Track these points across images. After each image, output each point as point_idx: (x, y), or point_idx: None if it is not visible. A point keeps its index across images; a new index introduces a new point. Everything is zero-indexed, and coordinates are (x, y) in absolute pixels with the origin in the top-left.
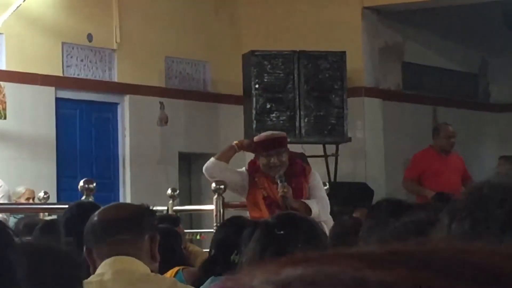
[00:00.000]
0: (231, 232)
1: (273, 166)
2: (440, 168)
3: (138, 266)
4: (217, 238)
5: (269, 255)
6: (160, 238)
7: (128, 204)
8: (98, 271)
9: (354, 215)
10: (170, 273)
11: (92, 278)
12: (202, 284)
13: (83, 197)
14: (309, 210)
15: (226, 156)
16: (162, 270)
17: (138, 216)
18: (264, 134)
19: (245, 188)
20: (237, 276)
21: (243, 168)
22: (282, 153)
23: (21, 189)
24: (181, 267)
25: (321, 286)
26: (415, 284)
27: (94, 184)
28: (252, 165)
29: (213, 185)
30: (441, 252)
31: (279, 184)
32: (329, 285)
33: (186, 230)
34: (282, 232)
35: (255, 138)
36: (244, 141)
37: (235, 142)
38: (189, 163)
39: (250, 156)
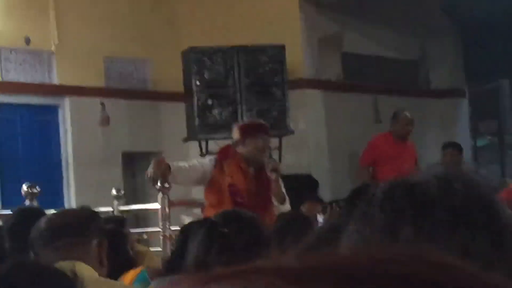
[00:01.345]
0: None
1: (264, 150)
2: (395, 155)
3: (86, 271)
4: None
5: (214, 253)
6: (107, 240)
7: (75, 209)
8: None
9: (302, 208)
10: (132, 274)
11: None
12: None
13: (27, 202)
14: (284, 197)
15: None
16: (110, 272)
17: (85, 220)
18: (252, 120)
19: (206, 176)
20: None
21: (207, 158)
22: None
23: None
24: (142, 268)
25: None
26: None
27: (38, 188)
28: (224, 151)
29: (159, 183)
30: (364, 263)
31: (272, 161)
32: None
33: (132, 230)
34: (226, 230)
35: (241, 124)
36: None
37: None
38: (133, 163)
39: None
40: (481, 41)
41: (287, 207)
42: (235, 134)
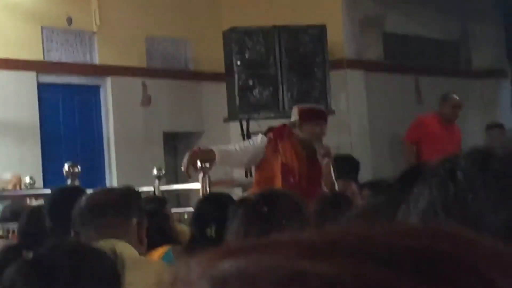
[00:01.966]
0: (206, 207)
1: (320, 137)
2: (441, 136)
3: (127, 250)
4: (193, 215)
5: (253, 233)
6: (148, 220)
7: (116, 188)
8: None
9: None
10: (160, 252)
11: None
12: None
13: (68, 181)
14: (333, 183)
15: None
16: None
17: (125, 199)
18: (313, 105)
19: (258, 156)
20: (176, 267)
21: (259, 136)
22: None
23: (7, 175)
24: (170, 246)
25: (259, 281)
26: (357, 277)
27: (79, 168)
28: (280, 131)
29: (198, 164)
30: (382, 238)
31: (324, 146)
32: (267, 280)
33: (173, 210)
34: (265, 209)
35: (302, 107)
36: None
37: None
38: (174, 143)
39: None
40: None
41: None
42: (294, 116)
